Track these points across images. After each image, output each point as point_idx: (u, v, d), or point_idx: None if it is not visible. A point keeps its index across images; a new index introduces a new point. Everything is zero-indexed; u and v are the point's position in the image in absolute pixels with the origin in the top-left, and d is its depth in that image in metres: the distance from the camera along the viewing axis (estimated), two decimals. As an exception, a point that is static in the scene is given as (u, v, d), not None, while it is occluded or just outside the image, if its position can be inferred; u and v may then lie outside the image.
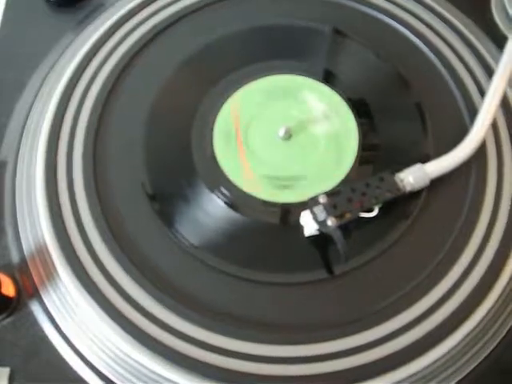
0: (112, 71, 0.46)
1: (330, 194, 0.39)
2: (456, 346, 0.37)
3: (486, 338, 0.38)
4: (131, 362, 0.37)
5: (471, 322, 0.37)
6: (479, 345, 0.38)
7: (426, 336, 0.37)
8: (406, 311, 0.37)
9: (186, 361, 0.36)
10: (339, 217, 0.38)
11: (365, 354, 0.36)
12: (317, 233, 0.39)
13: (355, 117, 0.44)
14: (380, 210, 0.39)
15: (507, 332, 0.39)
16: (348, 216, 0.38)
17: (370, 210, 0.39)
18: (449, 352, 0.37)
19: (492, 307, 0.38)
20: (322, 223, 0.38)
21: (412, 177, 0.40)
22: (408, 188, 0.40)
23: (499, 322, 0.38)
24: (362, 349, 0.36)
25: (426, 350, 0.36)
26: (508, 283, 0.39)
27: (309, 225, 0.38)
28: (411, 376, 0.36)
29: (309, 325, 0.37)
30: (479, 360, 0.38)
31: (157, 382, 0.36)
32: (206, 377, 0.36)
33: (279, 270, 0.39)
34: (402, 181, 0.40)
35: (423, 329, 0.37)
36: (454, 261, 0.39)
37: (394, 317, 0.37)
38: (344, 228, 0.38)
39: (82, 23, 0.50)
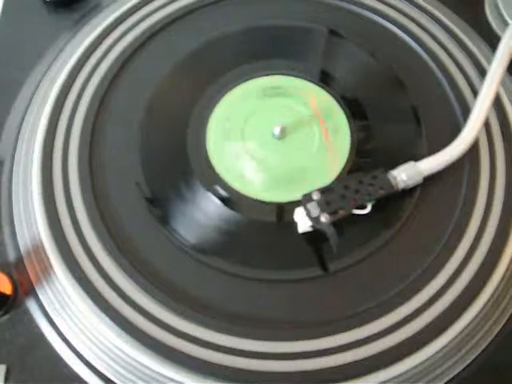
0: (108, 71, 0.46)
1: (324, 190, 0.39)
2: (446, 346, 0.37)
3: (476, 338, 0.38)
4: (127, 359, 0.37)
5: (463, 321, 0.37)
6: (469, 345, 0.38)
7: (417, 334, 0.37)
8: (398, 309, 0.38)
9: (179, 357, 0.36)
10: (333, 213, 0.38)
11: (355, 352, 0.36)
12: (310, 229, 0.39)
13: (349, 116, 0.45)
14: (374, 207, 0.39)
15: (498, 332, 0.39)
16: (341, 213, 0.38)
17: (364, 207, 0.39)
18: (438, 352, 0.37)
19: (484, 306, 0.38)
20: (315, 220, 0.38)
21: (405, 174, 0.40)
22: (401, 185, 0.40)
23: (490, 321, 0.39)
24: (352, 346, 0.36)
25: (415, 349, 0.37)
26: (500, 281, 0.39)
27: (302, 221, 0.39)
28: (401, 375, 0.36)
29: (300, 322, 0.37)
30: (468, 361, 0.38)
31: (152, 378, 0.36)
32: (202, 374, 0.36)
33: (273, 267, 0.39)
34: (395, 178, 0.40)
35: (413, 327, 0.37)
36: (446, 258, 0.39)
37: (386, 314, 0.37)
38: (337, 225, 0.38)
39: (79, 23, 0.50)
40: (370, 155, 0.43)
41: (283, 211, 0.41)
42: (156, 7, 0.49)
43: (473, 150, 0.42)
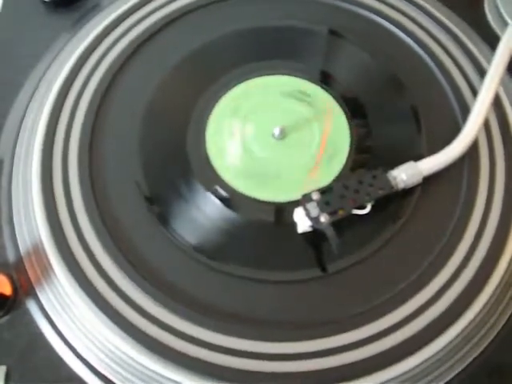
0: (107, 72, 0.46)
1: (323, 190, 0.39)
2: (446, 346, 0.37)
3: (476, 338, 0.38)
4: (127, 359, 0.37)
5: (463, 321, 0.37)
6: (469, 345, 0.38)
7: (417, 335, 0.37)
8: (398, 309, 0.38)
9: (181, 358, 0.36)
10: (332, 213, 0.38)
11: (355, 352, 0.36)
12: (310, 229, 0.39)
13: (349, 116, 0.45)
14: (373, 207, 0.39)
15: (498, 332, 0.39)
16: (341, 213, 0.38)
17: (363, 207, 0.39)
18: (438, 352, 0.37)
19: (484, 306, 0.38)
20: (314, 220, 0.38)
21: (405, 174, 0.40)
22: (401, 185, 0.40)
23: (491, 321, 0.39)
24: (352, 347, 0.36)
25: (415, 350, 0.37)
26: (500, 281, 0.39)
27: (302, 221, 0.39)
28: (401, 375, 0.36)
29: (299, 322, 0.37)
30: (468, 361, 0.38)
31: (152, 379, 0.36)
32: (201, 374, 0.36)
33: (273, 267, 0.39)
34: (394, 178, 0.40)
35: (414, 328, 0.37)
36: (446, 258, 0.39)
37: (386, 315, 0.37)
38: (337, 225, 0.38)
39: (78, 24, 0.50)
40: (369, 155, 0.43)
41: (282, 211, 0.41)
42: (155, 7, 0.49)
43: (472, 149, 0.42)
